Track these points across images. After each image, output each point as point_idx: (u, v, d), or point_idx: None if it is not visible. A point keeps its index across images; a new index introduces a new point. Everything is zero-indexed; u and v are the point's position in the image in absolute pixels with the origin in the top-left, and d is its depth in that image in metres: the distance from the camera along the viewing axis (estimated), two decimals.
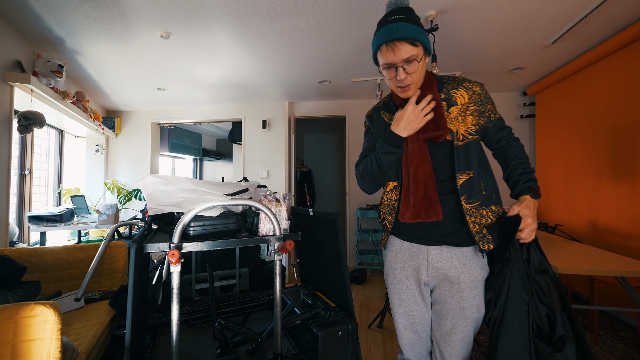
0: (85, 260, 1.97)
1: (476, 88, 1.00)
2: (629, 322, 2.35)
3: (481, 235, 0.96)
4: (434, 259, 1.00)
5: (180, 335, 0.94)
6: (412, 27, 0.89)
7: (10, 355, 0.91)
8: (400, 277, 1.07)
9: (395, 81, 0.94)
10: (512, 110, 3.67)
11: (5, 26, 2.11)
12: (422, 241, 1.02)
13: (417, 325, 1.06)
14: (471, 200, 0.96)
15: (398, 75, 0.92)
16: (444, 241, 0.99)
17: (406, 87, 0.95)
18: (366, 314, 2.61)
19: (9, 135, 2.13)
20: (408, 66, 0.90)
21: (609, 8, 1.97)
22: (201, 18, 2.05)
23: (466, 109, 0.99)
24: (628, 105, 2.28)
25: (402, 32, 0.88)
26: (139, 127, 4.09)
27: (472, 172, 0.97)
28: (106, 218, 2.90)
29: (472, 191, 0.96)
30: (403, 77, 0.91)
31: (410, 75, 0.92)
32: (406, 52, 0.89)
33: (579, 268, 1.49)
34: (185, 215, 0.94)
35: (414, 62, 0.90)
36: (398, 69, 0.91)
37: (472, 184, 0.96)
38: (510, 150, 1.04)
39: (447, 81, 1.04)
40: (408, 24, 0.89)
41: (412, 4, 1.91)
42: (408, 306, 1.06)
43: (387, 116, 1.10)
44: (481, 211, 0.97)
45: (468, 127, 0.98)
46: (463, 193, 0.96)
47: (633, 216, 2.23)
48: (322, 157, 5.83)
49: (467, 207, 0.96)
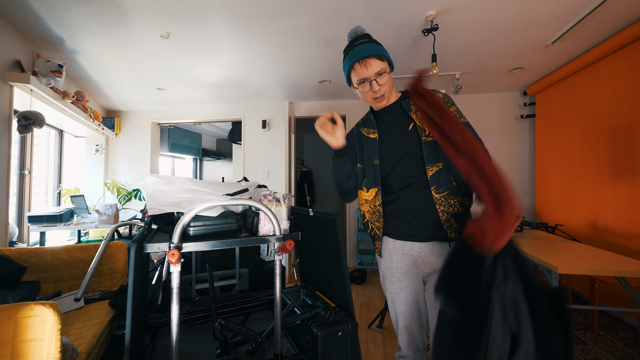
0: (85, 260, 1.97)
1: (440, 95, 1.10)
2: (629, 322, 2.35)
3: (449, 224, 1.02)
4: (426, 255, 1.07)
5: (180, 335, 0.94)
6: (377, 46, 1.04)
7: (10, 355, 0.91)
8: (397, 275, 1.11)
9: (370, 94, 1.07)
10: (512, 110, 3.67)
11: (5, 26, 2.10)
12: (413, 238, 1.08)
13: (414, 322, 1.11)
14: (440, 190, 1.03)
15: (372, 88, 1.05)
16: (434, 237, 1.05)
17: (381, 98, 1.08)
18: (366, 314, 2.61)
19: (9, 135, 2.13)
20: (380, 79, 1.04)
21: (609, 8, 1.97)
22: (201, 18, 2.05)
23: None
24: (628, 105, 2.28)
25: (370, 50, 1.03)
26: (138, 127, 4.09)
27: (441, 164, 1.04)
28: (106, 218, 2.90)
29: (440, 181, 1.03)
30: (377, 89, 1.05)
31: (382, 86, 1.05)
32: (377, 66, 1.03)
33: (579, 268, 1.49)
34: (185, 215, 0.94)
35: (384, 75, 1.04)
36: (372, 82, 1.04)
37: (440, 175, 1.04)
38: None
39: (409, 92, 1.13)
40: (373, 44, 1.05)
41: (412, 4, 1.92)
42: (404, 304, 1.10)
43: (365, 131, 1.19)
44: (449, 200, 1.03)
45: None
46: (432, 184, 1.04)
47: (633, 216, 2.23)
48: (322, 157, 5.83)
49: (436, 196, 1.03)
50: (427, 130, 1.05)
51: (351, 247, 3.99)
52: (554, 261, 1.55)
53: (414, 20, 2.10)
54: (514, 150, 3.66)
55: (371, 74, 1.03)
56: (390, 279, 1.13)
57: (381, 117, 1.16)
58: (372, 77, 1.03)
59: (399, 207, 1.09)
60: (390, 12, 2.00)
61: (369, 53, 1.02)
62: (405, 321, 1.11)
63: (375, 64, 1.02)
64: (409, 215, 1.07)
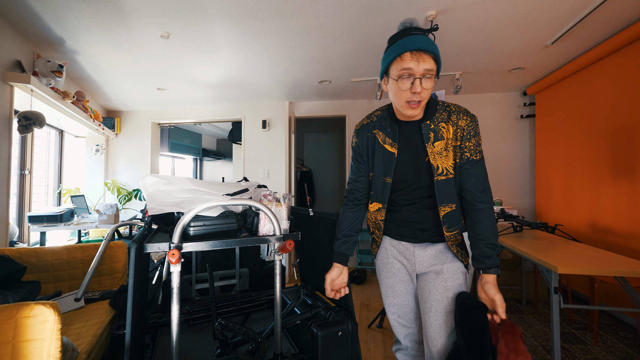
0: (85, 260, 1.97)
1: (462, 123, 0.98)
2: (629, 322, 2.35)
3: (457, 250, 1.07)
4: (420, 254, 1.10)
5: (180, 335, 0.94)
6: (435, 45, 0.91)
7: (10, 355, 0.91)
8: (392, 270, 1.14)
9: (409, 93, 0.92)
10: (512, 110, 3.67)
11: (5, 26, 2.10)
12: (409, 239, 1.10)
13: (409, 314, 1.14)
14: (451, 229, 1.04)
15: (414, 87, 0.90)
16: (428, 239, 1.08)
17: (417, 104, 0.93)
18: (366, 314, 2.61)
19: (9, 135, 2.13)
20: (426, 81, 0.90)
21: (609, 8, 1.97)
22: (201, 18, 2.05)
23: (449, 145, 1.00)
24: (628, 105, 2.28)
25: (428, 44, 0.89)
26: (139, 127, 4.09)
27: (455, 206, 1.03)
28: (106, 218, 2.90)
29: (453, 221, 1.04)
30: (419, 90, 0.90)
31: (425, 90, 0.91)
32: (429, 63, 0.89)
33: (579, 268, 1.49)
34: (185, 215, 0.94)
35: (431, 78, 0.91)
36: (416, 80, 0.90)
37: (453, 215, 1.03)
38: (481, 217, 0.99)
39: (440, 109, 1.01)
40: (431, 40, 0.91)
41: (412, 4, 1.92)
42: (399, 297, 1.13)
43: (381, 137, 1.06)
44: (457, 237, 1.07)
45: (450, 164, 1.00)
46: (445, 222, 1.03)
47: (633, 216, 2.23)
48: (322, 157, 5.83)
49: (447, 234, 1.04)
50: (441, 169, 0.99)
51: None
52: (554, 261, 1.55)
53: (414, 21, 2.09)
54: (514, 150, 3.66)
55: (420, 70, 0.89)
56: (386, 273, 1.16)
57: (402, 130, 1.04)
58: (419, 73, 0.89)
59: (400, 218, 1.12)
60: (390, 12, 2.00)
61: (426, 47, 0.88)
62: (399, 312, 1.14)
63: (428, 61, 0.89)
64: (410, 225, 1.11)
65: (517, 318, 2.48)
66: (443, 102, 1.03)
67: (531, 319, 2.47)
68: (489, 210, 0.99)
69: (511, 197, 3.64)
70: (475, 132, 0.99)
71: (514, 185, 3.65)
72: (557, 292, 1.55)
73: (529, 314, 2.56)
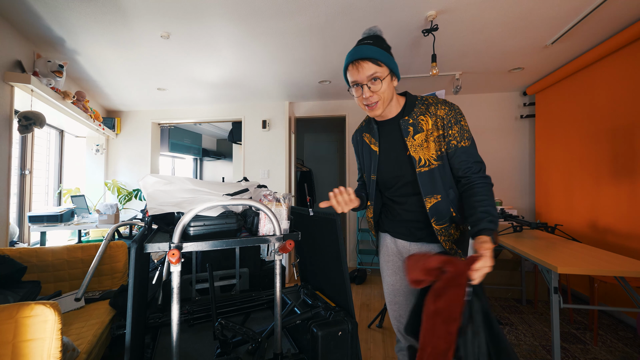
0: (86, 260, 1.97)
1: (441, 112, 1.01)
2: (629, 322, 2.35)
3: (453, 250, 1.06)
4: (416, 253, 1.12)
5: (180, 335, 0.94)
6: (376, 50, 0.96)
7: (11, 355, 0.91)
8: (394, 268, 1.18)
9: (362, 99, 1.00)
10: (512, 110, 3.67)
11: (5, 26, 2.11)
12: (406, 237, 1.14)
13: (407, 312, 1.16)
14: (440, 222, 1.04)
15: (363, 93, 0.97)
16: (424, 239, 1.11)
17: (373, 106, 1.00)
18: (366, 314, 2.61)
19: (9, 135, 2.13)
20: (372, 84, 0.96)
21: (609, 8, 1.97)
22: (201, 18, 2.05)
23: (429, 136, 1.02)
24: (628, 105, 2.28)
25: (366, 52, 0.95)
26: (139, 127, 4.09)
27: (440, 197, 1.03)
28: (106, 218, 2.90)
29: (440, 214, 1.03)
30: (368, 95, 0.97)
31: (375, 93, 0.97)
32: (369, 69, 0.95)
33: (579, 268, 1.49)
34: (186, 215, 0.94)
35: (377, 81, 0.96)
36: (363, 87, 0.97)
37: (440, 207, 1.03)
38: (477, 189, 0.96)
39: (418, 104, 1.05)
40: (373, 47, 0.96)
41: (412, 4, 1.92)
42: (400, 296, 1.17)
43: (367, 138, 1.16)
44: (450, 231, 1.05)
45: (431, 154, 1.02)
46: (432, 215, 1.03)
47: (633, 216, 2.23)
48: (322, 157, 5.83)
49: (437, 228, 1.04)
50: (423, 160, 1.02)
51: (351, 247, 3.99)
52: (554, 261, 1.56)
53: (414, 21, 2.10)
54: (513, 150, 3.66)
55: (362, 78, 0.96)
56: (387, 271, 1.20)
57: (383, 129, 1.11)
58: (363, 81, 0.96)
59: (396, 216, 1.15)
60: (390, 12, 2.00)
61: (364, 55, 0.95)
62: (402, 313, 1.17)
63: (367, 67, 0.94)
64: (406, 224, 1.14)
65: (517, 318, 2.48)
66: (422, 97, 1.07)
67: (531, 318, 2.47)
68: (485, 185, 0.97)
69: (511, 197, 3.65)
70: (456, 119, 1.01)
71: (514, 185, 3.65)
72: (557, 292, 1.55)
73: (529, 313, 2.56)
